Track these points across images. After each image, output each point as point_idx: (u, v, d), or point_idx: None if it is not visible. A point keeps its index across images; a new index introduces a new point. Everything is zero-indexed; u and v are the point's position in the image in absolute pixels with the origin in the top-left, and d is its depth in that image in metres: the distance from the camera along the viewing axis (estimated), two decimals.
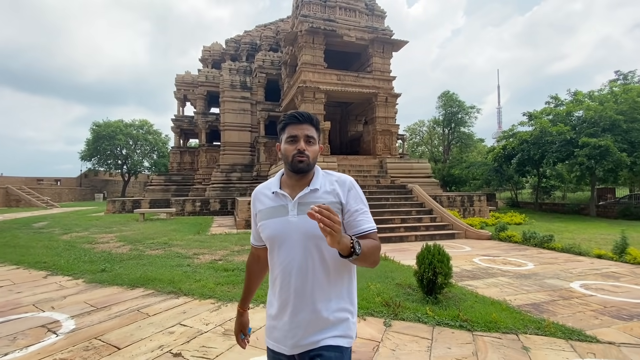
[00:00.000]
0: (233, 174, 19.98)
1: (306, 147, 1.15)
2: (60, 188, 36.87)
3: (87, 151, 37.48)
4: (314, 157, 1.17)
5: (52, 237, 8.72)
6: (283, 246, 1.13)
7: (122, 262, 5.76)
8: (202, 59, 25.21)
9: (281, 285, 1.14)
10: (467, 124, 33.44)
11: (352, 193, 1.18)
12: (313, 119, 1.19)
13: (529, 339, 2.88)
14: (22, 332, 2.95)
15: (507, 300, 3.88)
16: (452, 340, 2.86)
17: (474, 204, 12.94)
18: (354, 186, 1.20)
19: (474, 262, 6.12)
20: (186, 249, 7.09)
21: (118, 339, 2.84)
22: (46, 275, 4.91)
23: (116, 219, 13.80)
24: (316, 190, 1.16)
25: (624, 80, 18.36)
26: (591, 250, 6.81)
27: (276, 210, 1.16)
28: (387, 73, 15.92)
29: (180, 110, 25.82)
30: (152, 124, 41.97)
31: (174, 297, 3.95)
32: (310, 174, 1.20)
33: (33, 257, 6.05)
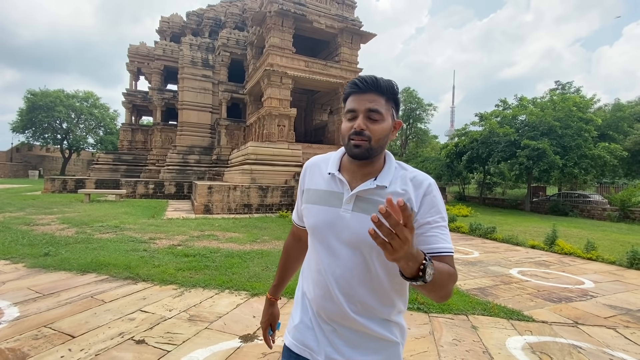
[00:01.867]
0: (191, 156, 19.06)
1: (367, 124, 0.87)
2: None
3: (20, 122, 33.33)
4: (378, 138, 0.88)
5: None
6: (325, 243, 0.93)
7: (67, 245, 5.30)
8: (160, 31, 23.38)
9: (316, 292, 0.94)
10: (424, 120, 35.15)
11: (429, 199, 0.89)
12: (381, 85, 0.89)
13: (477, 319, 3.20)
14: None
15: (458, 284, 4.24)
16: (411, 321, 3.08)
17: None
18: (432, 190, 0.90)
19: None
20: (141, 233, 6.70)
21: (71, 327, 2.65)
22: None
23: (56, 199, 12.55)
24: (383, 188, 0.90)
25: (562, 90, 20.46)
26: (526, 241, 7.64)
27: (327, 197, 0.94)
28: (354, 64, 16.06)
29: (133, 85, 23.85)
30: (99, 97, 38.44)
31: (132, 283, 3.76)
32: (379, 161, 0.93)
33: None
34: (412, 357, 2.46)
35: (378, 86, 0.89)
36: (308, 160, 1.05)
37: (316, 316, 0.95)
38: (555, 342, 2.81)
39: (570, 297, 3.99)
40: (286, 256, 1.20)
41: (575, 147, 15.58)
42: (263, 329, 1.17)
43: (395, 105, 0.93)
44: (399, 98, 0.95)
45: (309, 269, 1.00)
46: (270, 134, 14.24)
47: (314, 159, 1.05)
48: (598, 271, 5.45)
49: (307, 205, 0.99)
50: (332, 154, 1.01)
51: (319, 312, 0.94)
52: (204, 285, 3.76)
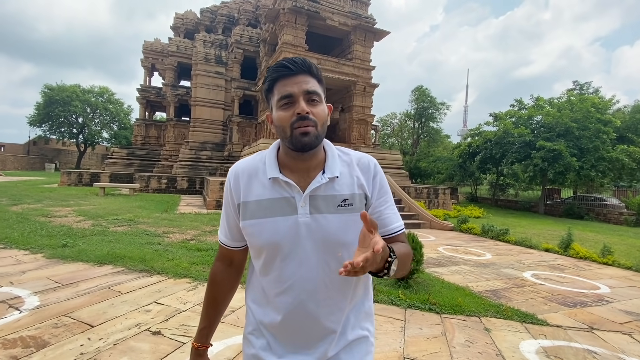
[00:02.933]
0: (203, 152, 19.28)
1: (309, 108, 0.77)
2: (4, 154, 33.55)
3: (37, 116, 34.22)
4: (323, 122, 0.80)
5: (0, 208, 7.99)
6: (289, 259, 0.80)
7: (84, 237, 5.45)
8: (174, 27, 23.64)
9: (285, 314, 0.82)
10: (436, 119, 34.66)
11: (378, 180, 0.87)
12: (312, 66, 0.80)
13: (489, 321, 3.17)
14: None
15: (469, 286, 4.21)
16: (423, 321, 3.07)
17: (439, 196, 13.61)
18: (378, 170, 0.88)
19: (439, 250, 6.51)
20: (154, 227, 6.83)
21: (90, 316, 2.73)
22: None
23: (72, 192, 12.88)
24: (334, 180, 0.82)
25: (580, 91, 19.92)
26: (540, 244, 7.50)
27: (277, 206, 0.80)
28: (367, 62, 15.96)
29: (147, 80, 24.21)
30: (114, 93, 39.14)
31: (147, 276, 3.84)
32: (320, 152, 0.84)
33: None
34: (424, 357, 2.45)
35: (310, 67, 0.79)
36: (231, 168, 0.89)
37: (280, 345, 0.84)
38: (570, 346, 2.76)
39: (586, 302, 3.91)
40: (215, 287, 0.97)
41: (593, 149, 15.18)
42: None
43: (323, 88, 0.83)
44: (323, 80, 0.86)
45: (264, 296, 0.86)
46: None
47: (239, 165, 0.89)
48: (614, 276, 5.32)
49: (252, 222, 0.82)
50: (261, 156, 0.88)
51: (286, 340, 0.83)
52: None
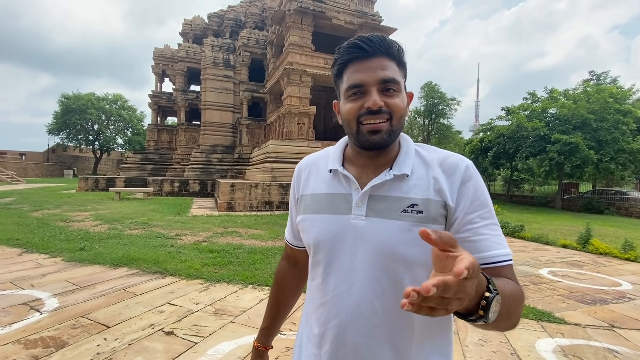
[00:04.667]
0: (213, 155, 19.53)
1: (384, 99, 0.64)
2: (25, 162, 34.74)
3: (55, 125, 35.37)
4: (400, 116, 0.65)
5: (22, 214, 8.28)
6: (334, 266, 0.68)
7: (101, 241, 5.59)
8: (183, 33, 24.05)
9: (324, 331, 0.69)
10: (447, 115, 34.25)
11: (470, 188, 0.64)
12: (391, 45, 0.65)
13: None
14: (2, 309, 2.84)
15: None
16: None
17: None
18: (472, 175, 0.66)
19: None
20: (167, 229, 6.96)
21: (106, 317, 2.80)
22: (21, 253, 4.70)
23: (89, 197, 13.25)
24: (404, 178, 0.66)
25: (597, 81, 19.31)
26: (557, 240, 7.30)
27: (331, 202, 0.70)
28: None
29: (158, 86, 24.69)
30: (127, 100, 40.14)
31: (160, 277, 3.91)
32: (394, 148, 0.70)
33: (4, 234, 5.74)
34: None
35: (389, 47, 0.64)
36: (301, 161, 0.81)
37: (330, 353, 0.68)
38: (589, 345, 2.67)
39: (606, 299, 3.78)
40: (278, 288, 0.90)
41: (612, 141, 14.68)
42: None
43: (405, 74, 0.69)
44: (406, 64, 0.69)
45: (312, 305, 0.74)
46: (290, 132, 14.35)
47: (309, 157, 0.81)
48: (636, 272, 5.12)
49: (305, 217, 0.73)
50: (331, 148, 0.78)
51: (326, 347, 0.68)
52: (228, 280, 3.86)
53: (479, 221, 0.63)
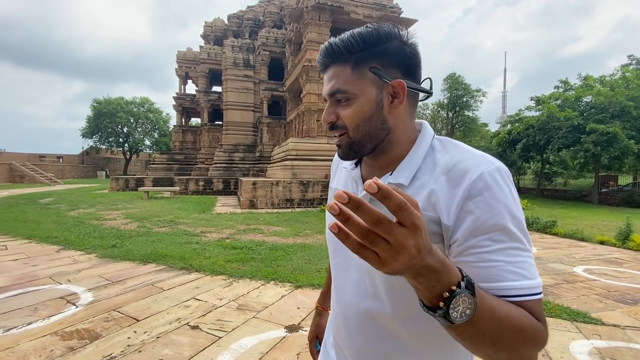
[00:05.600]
0: (236, 154, 19.92)
1: (336, 111, 0.61)
2: (62, 165, 36.96)
3: (88, 128, 37.33)
4: (356, 125, 0.60)
5: (59, 213, 8.82)
6: (336, 260, 0.71)
7: (131, 238, 5.85)
8: (204, 35, 24.60)
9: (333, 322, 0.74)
10: (472, 107, 33.10)
11: (477, 204, 0.51)
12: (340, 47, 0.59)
13: None
14: (42, 303, 3.04)
15: None
16: None
17: None
18: (484, 189, 0.52)
19: None
20: (193, 227, 7.18)
21: (136, 311, 2.92)
22: (59, 250, 5.00)
23: (121, 197, 13.90)
24: (401, 188, 0.59)
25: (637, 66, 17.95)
26: (594, 236, 6.88)
27: None
28: None
29: (182, 88, 25.46)
30: (153, 102, 41.65)
31: (186, 273, 4.04)
32: (399, 147, 0.62)
33: (44, 232, 6.14)
34: None
35: (334, 52, 0.59)
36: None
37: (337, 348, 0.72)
38: (629, 348, 2.50)
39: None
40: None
41: None
42: (310, 340, 0.99)
43: (385, 62, 0.58)
44: (389, 47, 0.59)
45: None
46: (309, 129, 14.37)
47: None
48: None
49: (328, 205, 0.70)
50: None
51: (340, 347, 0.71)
52: (250, 276, 3.93)
53: (489, 245, 0.50)
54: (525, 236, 0.51)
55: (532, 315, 0.48)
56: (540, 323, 0.48)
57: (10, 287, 3.42)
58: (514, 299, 0.48)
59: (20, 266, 4.14)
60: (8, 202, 11.56)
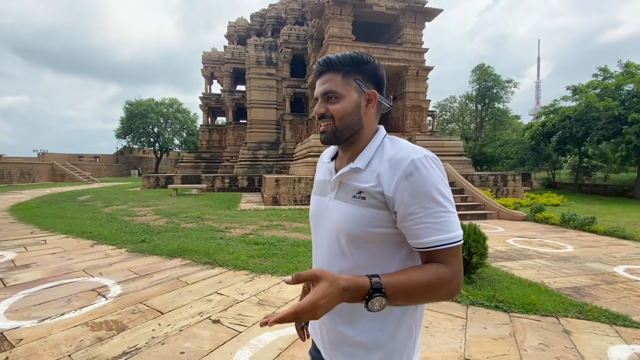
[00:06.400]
0: (259, 151, 20.22)
1: (326, 106, 0.82)
2: (99, 164, 39.16)
3: (122, 129, 39.21)
4: (341, 117, 0.81)
5: (95, 210, 9.34)
6: (316, 234, 0.92)
7: (159, 233, 6.08)
8: (228, 35, 25.06)
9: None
10: (502, 99, 31.58)
11: (409, 184, 0.72)
12: (334, 61, 0.82)
13: (570, 322, 2.76)
14: (75, 294, 3.21)
15: (545, 282, 3.73)
16: (488, 320, 2.80)
17: (508, 183, 12.37)
18: (414, 171, 0.73)
19: (508, 243, 5.91)
20: (218, 223, 7.36)
21: (161, 304, 3.02)
22: (92, 244, 5.28)
23: (151, 194, 14.52)
24: (358, 171, 0.81)
25: None
26: (637, 234, 6.36)
27: (321, 187, 0.92)
28: (418, 45, 15.11)
29: (207, 88, 26.12)
30: (181, 103, 43.01)
31: (210, 268, 4.13)
32: (361, 142, 0.84)
33: (80, 228, 6.52)
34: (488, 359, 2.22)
35: (330, 64, 0.83)
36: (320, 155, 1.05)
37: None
38: None
39: None
40: None
41: None
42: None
43: (364, 77, 0.83)
44: (368, 67, 0.83)
45: None
46: None
47: (323, 153, 1.03)
48: None
49: (311, 197, 0.98)
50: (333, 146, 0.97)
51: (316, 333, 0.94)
52: (272, 272, 3.96)
53: (421, 211, 0.72)
54: (448, 202, 0.73)
55: (449, 261, 0.72)
56: (449, 267, 0.71)
57: (46, 279, 3.65)
58: (434, 248, 0.71)
59: (57, 259, 4.41)
60: (49, 199, 12.40)
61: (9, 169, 23.74)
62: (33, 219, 7.65)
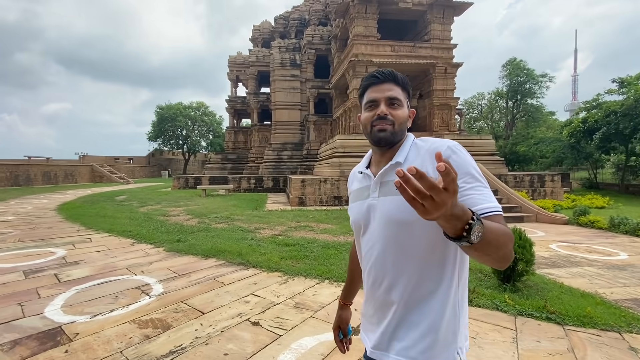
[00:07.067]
0: (284, 152, 20.40)
1: (389, 110, 0.92)
2: (133, 166, 41.10)
3: (153, 132, 40.90)
4: (400, 122, 0.93)
5: (132, 209, 9.77)
6: (365, 235, 0.97)
7: (193, 233, 6.24)
8: (253, 39, 25.50)
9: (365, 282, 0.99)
10: (536, 95, 29.98)
11: (451, 162, 0.82)
12: (397, 76, 0.95)
13: (635, 339, 2.53)
14: (121, 292, 3.34)
15: (600, 293, 3.45)
16: (540, 333, 2.62)
17: (546, 184, 11.70)
18: (452, 153, 0.86)
19: (551, 248, 5.57)
20: (247, 223, 7.46)
21: (201, 304, 3.07)
22: (133, 243, 5.51)
23: (182, 194, 15.02)
24: (398, 165, 0.90)
25: None
26: None
27: (360, 193, 1.00)
28: (447, 41, 14.65)
29: (233, 91, 26.70)
30: (208, 106, 44.26)
31: (244, 269, 4.17)
32: (398, 145, 0.96)
33: (120, 227, 6.83)
34: None
35: (395, 77, 0.95)
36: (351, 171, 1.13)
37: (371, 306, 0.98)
38: None
39: None
40: (350, 262, 1.27)
41: None
42: (334, 331, 1.24)
43: (409, 96, 0.98)
44: (410, 90, 0.99)
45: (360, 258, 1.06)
46: (356, 125, 14.16)
47: (354, 168, 1.12)
48: None
49: (349, 206, 1.05)
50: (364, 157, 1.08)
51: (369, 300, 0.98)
52: (305, 274, 3.93)
53: (464, 185, 0.82)
54: (483, 180, 0.84)
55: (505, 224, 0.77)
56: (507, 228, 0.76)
57: (95, 276, 3.83)
58: (487, 214, 0.78)
59: (102, 257, 4.63)
60: (91, 199, 13.13)
61: (55, 171, 25.45)
62: (78, 218, 8.11)
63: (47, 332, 2.48)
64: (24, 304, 3.01)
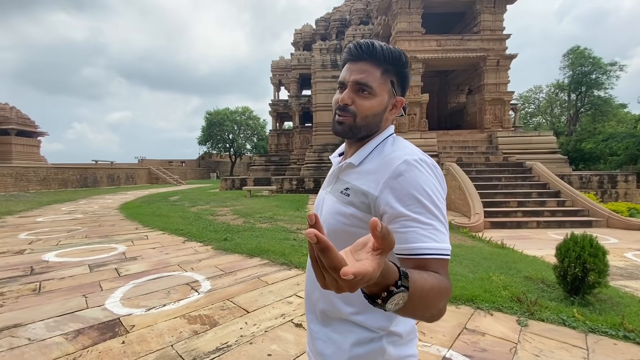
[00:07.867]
0: (324, 154, 20.47)
1: (354, 98, 0.75)
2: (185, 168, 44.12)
3: (203, 137, 43.54)
4: (365, 116, 0.76)
5: (184, 209, 10.43)
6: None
7: (239, 232, 6.47)
8: (294, 42, 26.00)
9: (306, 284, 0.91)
10: (604, 85, 26.86)
11: (397, 183, 0.68)
12: (378, 51, 0.74)
13: None
14: (173, 287, 3.53)
15: None
16: (617, 353, 2.28)
17: (618, 185, 10.38)
18: (405, 171, 0.69)
19: (626, 257, 4.91)
20: (289, 223, 7.57)
21: (246, 302, 3.14)
22: (184, 241, 5.84)
23: (229, 195, 15.73)
24: (352, 167, 0.79)
25: None
26: None
27: (326, 180, 0.92)
28: (498, 31, 13.67)
29: (275, 95, 27.45)
30: (252, 110, 46.10)
31: (287, 269, 4.21)
32: (368, 139, 0.82)
33: (173, 225, 7.30)
34: None
35: (373, 53, 0.74)
36: None
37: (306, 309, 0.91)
38: None
39: None
40: None
41: None
42: None
43: (399, 80, 0.78)
44: (405, 72, 0.78)
45: None
46: (400, 124, 13.74)
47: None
48: None
49: None
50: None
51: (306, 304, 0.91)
52: None
53: (409, 214, 0.66)
54: (437, 209, 0.66)
55: (444, 273, 0.63)
56: (446, 279, 0.63)
57: (150, 271, 4.10)
58: (425, 257, 0.63)
59: (157, 254, 4.96)
60: (148, 199, 14.27)
61: (118, 174, 28.20)
62: (136, 217, 8.84)
63: (107, 323, 2.69)
64: (87, 295, 3.31)
